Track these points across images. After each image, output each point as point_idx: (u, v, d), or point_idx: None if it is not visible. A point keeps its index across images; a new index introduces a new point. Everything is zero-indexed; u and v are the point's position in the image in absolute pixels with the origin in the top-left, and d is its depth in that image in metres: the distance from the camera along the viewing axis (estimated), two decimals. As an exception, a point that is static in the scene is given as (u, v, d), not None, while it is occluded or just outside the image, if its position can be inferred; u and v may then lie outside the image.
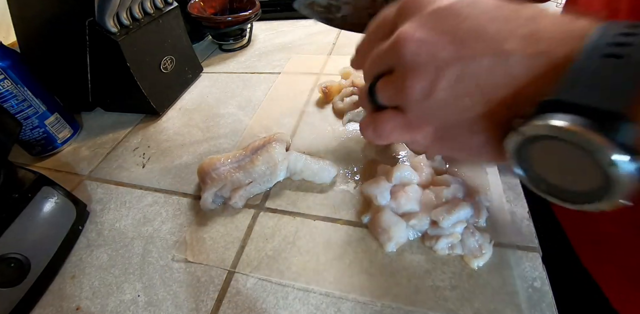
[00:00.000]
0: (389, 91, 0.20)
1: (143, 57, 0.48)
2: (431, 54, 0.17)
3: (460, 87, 0.17)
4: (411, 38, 0.18)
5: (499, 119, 0.17)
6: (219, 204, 0.38)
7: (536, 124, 0.14)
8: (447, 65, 0.17)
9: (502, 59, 0.16)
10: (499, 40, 0.16)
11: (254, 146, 0.39)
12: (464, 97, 0.17)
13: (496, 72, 0.16)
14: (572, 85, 0.14)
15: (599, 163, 0.13)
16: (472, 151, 0.19)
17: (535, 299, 0.28)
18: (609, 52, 0.13)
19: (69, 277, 0.34)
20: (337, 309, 0.29)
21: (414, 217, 0.32)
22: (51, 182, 0.36)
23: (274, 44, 0.69)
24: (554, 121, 0.13)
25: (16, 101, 0.42)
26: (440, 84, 0.17)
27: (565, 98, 0.14)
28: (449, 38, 0.17)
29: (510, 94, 0.16)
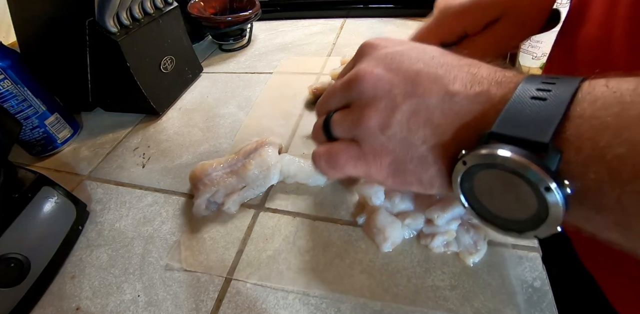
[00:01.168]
0: (346, 122, 0.21)
1: (143, 57, 0.48)
2: (387, 89, 0.19)
3: (413, 121, 0.18)
4: (370, 74, 0.20)
5: (448, 152, 0.18)
6: (213, 210, 0.38)
7: (478, 154, 0.16)
8: (402, 101, 0.18)
9: (449, 98, 0.18)
10: (446, 82, 0.18)
11: (246, 150, 0.39)
12: (417, 130, 0.18)
13: (445, 108, 0.18)
14: (507, 120, 0.16)
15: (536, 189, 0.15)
16: (424, 185, 0.20)
17: (535, 299, 0.28)
18: (535, 95, 0.16)
19: (69, 277, 0.34)
20: (337, 309, 0.29)
21: (408, 216, 0.32)
22: (51, 182, 0.36)
23: (274, 44, 0.69)
24: (496, 151, 0.15)
25: (16, 101, 0.42)
26: (396, 118, 0.18)
27: (501, 131, 0.16)
28: (404, 77, 0.19)
29: (457, 129, 0.18)
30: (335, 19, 0.74)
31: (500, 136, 0.16)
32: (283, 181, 0.39)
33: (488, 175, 0.16)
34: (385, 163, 0.20)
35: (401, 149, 0.19)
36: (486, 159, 0.16)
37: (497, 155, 0.15)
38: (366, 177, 0.21)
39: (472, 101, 0.17)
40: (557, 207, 0.14)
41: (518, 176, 0.15)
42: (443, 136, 0.18)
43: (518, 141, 0.15)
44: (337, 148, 0.21)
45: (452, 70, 0.18)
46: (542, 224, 0.15)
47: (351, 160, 0.21)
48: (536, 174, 0.14)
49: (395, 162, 0.20)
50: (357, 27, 0.71)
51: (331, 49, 0.64)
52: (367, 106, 0.19)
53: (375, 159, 0.20)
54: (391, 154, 0.19)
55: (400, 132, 0.19)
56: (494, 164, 0.15)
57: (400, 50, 0.20)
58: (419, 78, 0.19)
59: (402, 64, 0.19)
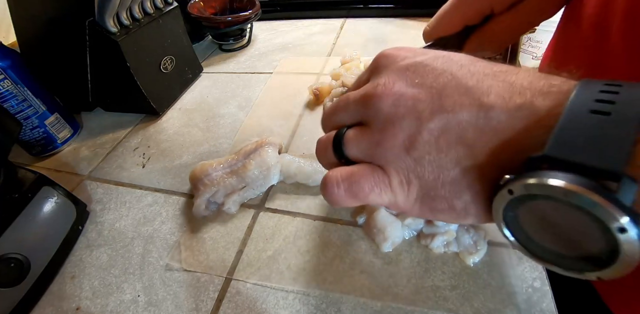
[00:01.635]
0: (364, 143, 0.18)
1: (143, 57, 0.48)
2: (410, 106, 0.17)
3: (443, 140, 0.16)
4: (389, 91, 0.17)
5: (485, 175, 0.16)
6: (213, 210, 0.38)
7: (528, 183, 0.13)
8: (428, 118, 0.16)
9: (484, 112, 0.15)
10: (478, 94, 0.16)
11: (246, 150, 0.39)
12: (449, 151, 0.16)
13: (479, 125, 0.15)
14: (563, 141, 0.13)
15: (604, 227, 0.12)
16: (456, 213, 0.17)
17: (535, 299, 0.28)
18: (595, 109, 0.13)
19: (69, 277, 0.34)
20: (337, 309, 0.29)
21: (408, 216, 0.32)
22: (51, 182, 0.36)
23: (274, 44, 0.69)
24: (551, 180, 0.12)
25: (16, 101, 0.42)
26: (422, 137, 0.16)
27: (557, 155, 0.13)
28: (428, 91, 0.17)
29: (496, 149, 0.15)
30: (335, 19, 0.74)
31: (555, 161, 0.13)
32: (283, 181, 0.39)
33: (539, 206, 0.14)
34: (413, 189, 0.18)
35: (430, 173, 0.17)
36: (539, 190, 0.13)
37: (554, 187, 0.12)
38: (390, 206, 0.19)
39: (512, 115, 0.15)
40: (632, 248, 0.12)
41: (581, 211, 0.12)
42: (479, 156, 0.16)
43: (578, 167, 0.12)
44: (360, 173, 0.18)
45: (485, 79, 0.16)
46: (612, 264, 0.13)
47: (376, 187, 0.18)
48: (607, 211, 0.12)
49: (424, 187, 0.17)
50: (357, 27, 0.71)
51: (331, 49, 0.64)
52: (388, 125, 0.17)
53: (402, 185, 0.18)
54: (419, 178, 0.17)
55: (429, 153, 0.16)
56: (551, 196, 0.13)
57: (422, 60, 0.18)
58: (447, 91, 0.16)
59: (426, 77, 0.17)
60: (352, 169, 0.19)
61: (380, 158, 0.18)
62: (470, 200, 0.17)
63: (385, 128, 0.17)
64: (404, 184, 0.18)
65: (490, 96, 0.15)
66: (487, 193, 0.16)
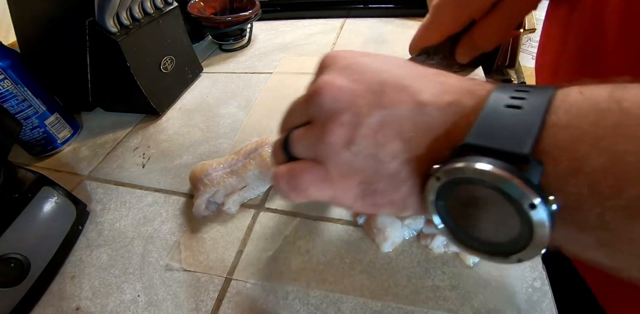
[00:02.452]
0: (307, 140, 0.19)
1: (143, 57, 0.48)
2: (350, 100, 0.17)
3: (381, 135, 0.17)
4: (330, 86, 0.18)
5: (421, 167, 0.17)
6: (212, 210, 0.38)
7: (452, 167, 0.14)
8: (367, 113, 0.17)
9: (419, 108, 0.16)
10: (414, 92, 0.17)
11: (246, 150, 0.39)
12: (386, 145, 0.17)
13: (415, 120, 0.16)
14: (482, 130, 0.15)
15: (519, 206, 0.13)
16: (397, 206, 0.18)
17: (535, 299, 0.28)
18: (510, 104, 0.15)
19: (69, 277, 0.34)
20: (337, 309, 0.29)
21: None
22: (51, 182, 0.36)
23: (274, 44, 0.69)
24: (472, 164, 0.14)
25: (16, 101, 0.42)
26: (361, 131, 0.17)
27: (475, 142, 0.14)
28: (368, 87, 0.17)
29: (430, 142, 0.16)
30: (335, 19, 0.74)
31: (475, 148, 0.14)
32: (283, 181, 0.39)
33: (463, 192, 0.15)
34: (352, 184, 0.18)
35: (369, 167, 0.17)
36: (460, 173, 0.14)
37: (472, 168, 0.14)
38: (332, 201, 0.19)
39: (443, 111, 0.16)
40: (543, 227, 0.13)
41: (497, 192, 0.14)
42: (415, 150, 0.17)
43: (494, 152, 0.14)
44: (299, 168, 0.19)
45: (419, 79, 0.17)
46: (527, 246, 0.14)
47: (315, 182, 0.18)
48: (518, 188, 0.13)
49: (363, 182, 0.18)
50: (357, 27, 0.71)
51: (331, 49, 0.64)
52: (329, 120, 0.17)
53: (341, 179, 0.18)
54: (358, 173, 0.18)
55: (367, 147, 0.17)
56: (470, 178, 0.14)
57: (362, 60, 0.19)
58: (385, 87, 0.17)
59: (365, 74, 0.18)
60: (292, 164, 0.19)
61: (321, 154, 0.18)
62: (408, 193, 0.17)
63: (325, 124, 0.18)
64: (344, 178, 0.18)
65: (425, 94, 0.17)
66: (421, 184, 0.17)
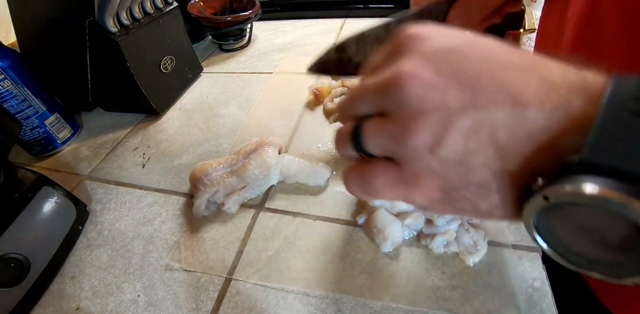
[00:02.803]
0: (383, 137, 0.17)
1: (143, 57, 0.48)
2: (439, 99, 0.15)
3: (472, 141, 0.15)
4: (414, 78, 0.15)
5: (516, 179, 0.15)
6: (212, 210, 0.38)
7: (565, 191, 0.12)
8: (458, 114, 0.15)
9: (519, 111, 0.14)
10: (515, 90, 0.14)
11: (245, 150, 0.39)
12: (477, 152, 0.15)
13: (514, 125, 0.14)
14: (601, 145, 0.12)
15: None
16: (481, 214, 0.17)
17: (535, 299, 0.28)
18: (636, 109, 0.12)
19: (69, 277, 0.34)
20: (337, 309, 0.29)
21: (408, 216, 0.32)
22: (51, 182, 0.36)
23: (274, 44, 0.69)
24: (588, 186, 0.12)
25: (16, 101, 0.42)
26: (450, 136, 0.15)
27: (595, 160, 0.12)
28: (459, 82, 0.15)
29: (529, 151, 0.14)
30: (335, 19, 0.74)
31: (591, 166, 0.12)
32: (283, 181, 0.39)
33: (574, 211, 0.13)
34: (432, 188, 0.16)
35: (455, 174, 0.16)
36: (576, 197, 0.12)
37: (590, 195, 0.12)
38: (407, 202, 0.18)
39: (549, 115, 0.14)
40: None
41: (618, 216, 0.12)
42: (511, 159, 0.14)
43: (616, 173, 0.12)
44: (373, 171, 0.18)
45: (521, 73, 0.15)
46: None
47: (389, 185, 0.17)
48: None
49: (446, 188, 0.16)
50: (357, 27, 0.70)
51: (331, 49, 0.64)
52: (413, 119, 0.15)
53: (419, 184, 0.16)
54: (441, 179, 0.16)
55: (456, 153, 0.15)
56: (590, 204, 0.12)
57: (452, 45, 0.16)
58: (481, 85, 0.15)
59: (457, 65, 0.15)
60: (365, 167, 0.18)
61: (400, 155, 0.16)
62: (497, 204, 0.16)
63: (408, 123, 0.15)
64: (422, 183, 0.16)
65: (526, 93, 0.14)
66: (516, 197, 0.15)
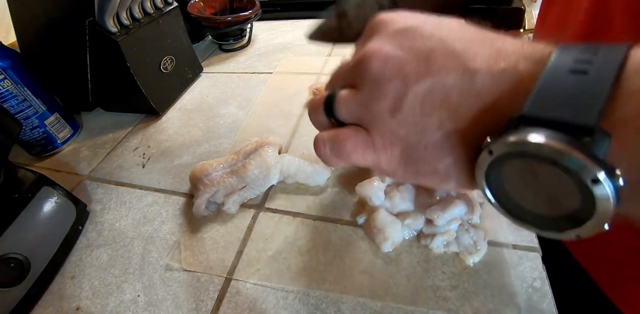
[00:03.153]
0: (352, 103, 0.19)
1: (143, 57, 0.48)
2: (397, 68, 0.17)
3: (427, 104, 0.16)
4: (377, 53, 0.18)
5: (467, 138, 0.16)
6: (212, 210, 0.38)
7: (507, 141, 0.13)
8: (414, 81, 0.16)
9: (469, 76, 0.16)
10: (465, 59, 0.16)
11: (245, 150, 0.39)
12: (432, 114, 0.16)
13: (463, 88, 0.16)
14: (541, 100, 0.13)
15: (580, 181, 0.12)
16: (439, 176, 0.18)
17: (535, 299, 0.28)
18: (574, 68, 0.13)
19: (69, 277, 0.34)
20: (337, 309, 0.29)
21: (408, 216, 0.32)
22: (51, 182, 0.36)
23: (274, 44, 0.69)
24: (528, 137, 0.13)
25: (16, 101, 0.42)
26: (407, 100, 0.17)
27: (534, 113, 0.13)
28: (416, 54, 0.17)
29: (479, 112, 0.16)
30: (335, 19, 0.74)
31: (534, 119, 0.13)
32: (283, 181, 0.39)
33: (519, 165, 0.14)
34: (396, 152, 0.18)
35: (414, 135, 0.17)
36: (517, 147, 0.13)
37: (530, 142, 0.13)
38: (374, 167, 0.19)
39: (496, 79, 0.15)
40: (606, 202, 0.12)
41: (557, 166, 0.13)
42: (462, 120, 0.16)
43: (555, 124, 0.13)
44: (344, 134, 0.19)
45: (472, 45, 0.16)
46: (588, 221, 0.13)
47: (359, 148, 0.19)
48: (580, 162, 0.12)
49: (407, 149, 0.18)
50: (357, 27, 0.71)
51: (331, 49, 0.64)
52: (376, 86, 0.17)
53: (385, 146, 0.18)
54: (403, 140, 0.18)
55: (413, 115, 0.17)
56: (527, 152, 0.13)
57: (413, 25, 0.18)
58: (434, 55, 0.16)
59: (415, 41, 0.17)
60: (337, 130, 0.19)
61: (366, 120, 0.18)
62: (452, 163, 0.17)
63: (372, 90, 0.18)
64: (387, 146, 0.18)
65: (476, 60, 0.16)
66: (468, 157, 0.16)
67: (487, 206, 0.34)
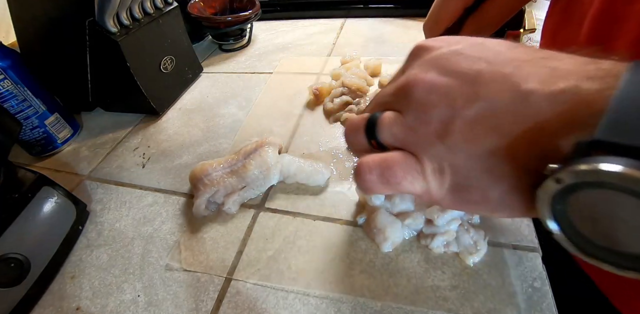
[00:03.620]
0: (397, 127, 0.18)
1: (143, 57, 0.48)
2: (443, 94, 0.16)
3: (477, 128, 0.15)
4: (421, 80, 0.17)
5: (522, 164, 0.15)
6: (212, 211, 0.38)
7: (579, 169, 0.12)
8: (461, 106, 0.16)
9: (522, 98, 0.15)
10: (516, 80, 0.15)
11: (245, 150, 0.39)
12: (483, 139, 0.15)
13: (517, 111, 0.15)
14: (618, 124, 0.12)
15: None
16: (491, 204, 0.17)
17: (535, 299, 0.28)
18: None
19: (69, 277, 0.34)
20: (337, 309, 0.29)
21: (408, 216, 0.32)
22: (51, 182, 0.36)
23: (274, 44, 0.69)
24: (605, 165, 0.11)
25: (16, 101, 0.42)
26: (455, 125, 0.16)
27: (610, 138, 0.12)
28: (462, 79, 0.16)
29: (533, 135, 0.14)
30: (335, 19, 0.74)
31: (608, 145, 0.12)
32: (283, 181, 0.39)
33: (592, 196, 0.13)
34: (446, 178, 0.17)
35: (464, 161, 0.16)
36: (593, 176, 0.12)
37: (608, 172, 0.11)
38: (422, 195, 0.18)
39: (554, 100, 0.14)
40: None
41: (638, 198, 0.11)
42: (516, 144, 0.15)
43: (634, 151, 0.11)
44: (393, 159, 0.18)
45: (524, 66, 0.15)
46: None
47: (409, 175, 0.17)
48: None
49: (457, 176, 0.17)
50: (357, 27, 0.71)
51: (331, 49, 0.64)
52: (422, 112, 0.17)
53: (434, 173, 0.17)
54: (453, 167, 0.17)
55: (462, 141, 0.16)
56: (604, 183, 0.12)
57: (457, 49, 0.17)
58: (482, 78, 0.16)
59: (459, 65, 0.16)
60: (385, 155, 0.18)
61: (414, 145, 0.17)
62: (507, 191, 0.16)
63: (418, 115, 0.17)
64: (437, 172, 0.17)
65: (530, 82, 0.15)
66: (525, 184, 0.15)
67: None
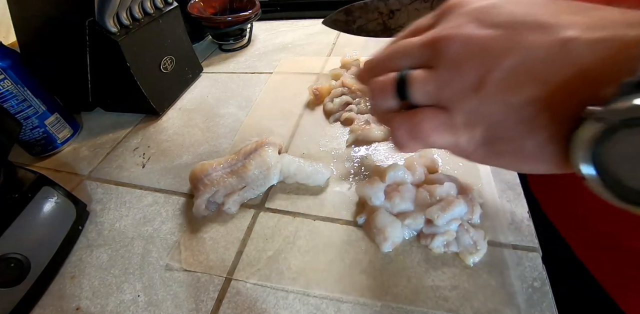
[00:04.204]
0: (430, 84, 0.17)
1: (143, 57, 0.48)
2: (481, 46, 0.16)
3: (515, 78, 0.15)
4: (457, 35, 0.16)
5: (562, 112, 0.15)
6: (212, 210, 0.38)
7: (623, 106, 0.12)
8: (499, 56, 0.15)
9: (561, 46, 0.14)
10: (555, 29, 0.15)
11: (245, 150, 0.39)
12: (520, 88, 0.15)
13: (556, 59, 0.14)
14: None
15: None
16: (524, 156, 0.16)
17: (535, 299, 0.28)
18: None
19: (69, 277, 0.34)
20: (337, 309, 0.29)
21: (408, 216, 0.32)
22: (51, 182, 0.36)
23: (274, 44, 0.69)
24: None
25: (16, 101, 0.42)
26: (492, 76, 0.15)
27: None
28: (498, 30, 0.16)
29: (573, 82, 0.14)
30: (335, 19, 0.74)
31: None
32: (283, 181, 0.39)
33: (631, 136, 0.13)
34: (478, 131, 0.17)
35: (499, 112, 0.16)
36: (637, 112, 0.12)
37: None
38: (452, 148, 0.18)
39: (595, 47, 0.14)
40: None
41: None
42: (555, 92, 0.15)
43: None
44: (422, 114, 0.18)
45: (562, 15, 0.15)
46: None
47: (438, 128, 0.17)
48: None
49: (490, 128, 0.17)
50: (357, 27, 0.71)
51: (331, 49, 0.64)
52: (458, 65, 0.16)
53: (466, 126, 0.17)
54: (486, 118, 0.16)
55: (499, 91, 0.16)
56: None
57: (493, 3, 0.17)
58: (520, 28, 0.15)
59: (497, 17, 0.16)
60: (414, 111, 0.18)
61: (446, 100, 0.17)
62: (542, 141, 0.16)
63: (453, 69, 0.16)
64: (469, 125, 0.17)
65: (569, 30, 0.14)
66: (561, 134, 0.15)
67: (487, 206, 0.34)
